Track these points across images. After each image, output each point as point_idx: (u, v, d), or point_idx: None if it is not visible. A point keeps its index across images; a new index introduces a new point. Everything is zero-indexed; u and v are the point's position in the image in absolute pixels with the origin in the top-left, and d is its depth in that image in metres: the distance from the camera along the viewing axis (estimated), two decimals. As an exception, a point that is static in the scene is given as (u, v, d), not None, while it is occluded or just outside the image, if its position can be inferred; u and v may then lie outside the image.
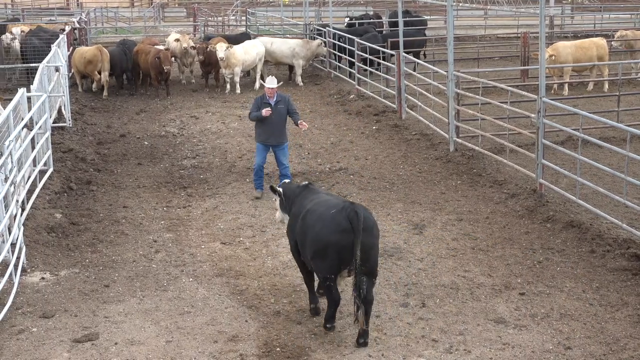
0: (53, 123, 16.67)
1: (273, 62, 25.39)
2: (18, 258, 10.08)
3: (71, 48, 24.36)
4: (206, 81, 24.35)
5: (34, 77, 15.79)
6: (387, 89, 20.26)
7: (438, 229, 11.79)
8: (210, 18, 41.35)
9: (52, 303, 9.42)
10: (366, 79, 21.85)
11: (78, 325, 8.84)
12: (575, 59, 21.14)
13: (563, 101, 17.92)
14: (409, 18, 29.11)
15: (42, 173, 13.59)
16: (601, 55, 21.60)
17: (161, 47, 23.54)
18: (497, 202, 12.90)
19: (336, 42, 24.84)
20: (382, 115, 19.47)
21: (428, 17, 35.26)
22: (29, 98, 13.78)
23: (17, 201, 10.55)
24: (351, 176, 14.67)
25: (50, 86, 16.55)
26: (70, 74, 22.64)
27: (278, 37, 27.53)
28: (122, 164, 15.92)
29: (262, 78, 22.94)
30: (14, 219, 10.22)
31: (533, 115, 12.91)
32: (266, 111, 13.13)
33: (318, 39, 25.40)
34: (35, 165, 13.22)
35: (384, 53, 21.57)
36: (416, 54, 24.63)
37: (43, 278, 10.13)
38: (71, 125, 18.21)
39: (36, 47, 23.00)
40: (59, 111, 18.05)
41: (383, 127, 18.39)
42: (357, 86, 22.21)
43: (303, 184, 9.39)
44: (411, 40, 24.15)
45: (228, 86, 23.41)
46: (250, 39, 25.65)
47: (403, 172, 14.87)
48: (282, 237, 11.10)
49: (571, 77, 21.77)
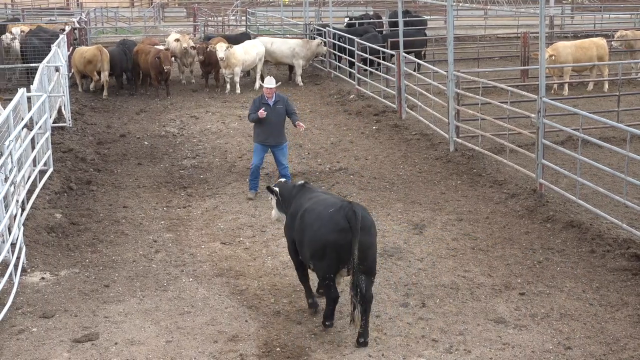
0: (53, 123, 16.67)
1: (273, 62, 25.39)
2: (18, 258, 10.07)
3: (71, 48, 24.36)
4: (206, 81, 24.34)
5: (34, 77, 15.79)
6: (387, 89, 20.26)
7: (438, 229, 11.79)
8: (210, 18, 41.35)
9: (52, 303, 9.42)
10: (366, 79, 21.85)
11: (78, 325, 8.84)
12: (575, 59, 21.14)
13: (563, 101, 17.92)
14: (409, 18, 29.11)
15: (42, 173, 13.59)
16: (601, 55, 21.60)
17: (161, 47, 23.54)
18: (497, 202, 12.90)
19: (336, 42, 24.84)
20: (382, 115, 19.47)
21: (428, 17, 35.28)
22: (29, 98, 13.78)
23: (17, 201, 10.55)
24: (351, 176, 14.67)
25: (50, 86, 16.55)
26: (70, 74, 22.64)
27: (278, 37, 27.54)
28: (122, 164, 15.91)
29: (262, 78, 22.87)
30: (14, 219, 10.22)
31: (533, 115, 12.91)
32: (261, 113, 13.14)
33: (318, 39, 25.40)
34: (35, 165, 13.22)
35: (384, 53, 21.57)
36: (418, 54, 24.62)
37: (43, 278, 10.13)
38: (71, 125, 18.21)
39: (36, 47, 22.99)
40: (59, 111, 18.05)
41: (383, 127, 18.39)
42: (357, 86, 22.20)
43: (299, 184, 9.41)
44: (413, 40, 24.17)
45: (228, 86, 23.41)
46: (250, 39, 25.65)
47: (403, 172, 14.86)
48: (282, 237, 11.06)
49: (571, 77, 21.76)
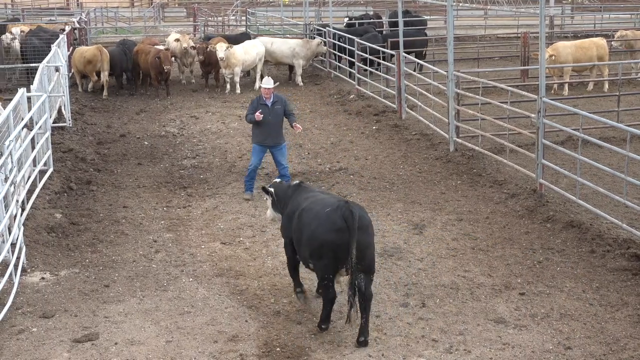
0: (53, 123, 16.66)
1: (273, 62, 25.39)
2: (18, 258, 10.07)
3: (71, 48, 24.36)
4: (206, 81, 24.34)
5: (34, 77, 15.79)
6: (387, 89, 20.25)
7: (438, 229, 11.79)
8: (210, 18, 41.35)
9: (52, 303, 9.41)
10: (366, 79, 21.85)
11: (78, 325, 8.84)
12: (575, 59, 21.14)
13: (563, 101, 17.92)
14: (409, 18, 29.11)
15: (42, 173, 13.59)
16: (601, 55, 21.60)
17: (161, 47, 23.54)
18: (497, 202, 12.90)
19: (336, 42, 24.84)
20: (382, 115, 19.47)
21: (428, 17, 35.28)
22: (29, 98, 13.78)
23: (17, 201, 10.54)
24: (351, 176, 14.67)
25: (50, 86, 16.55)
26: (70, 74, 22.64)
27: (278, 37, 27.54)
28: (122, 164, 15.91)
29: (262, 78, 22.89)
30: (14, 219, 10.22)
31: (533, 115, 12.91)
32: (257, 116, 13.13)
33: (317, 38, 25.39)
34: (35, 165, 13.22)
35: (384, 53, 21.57)
36: (419, 55, 24.62)
37: (43, 278, 10.13)
38: (71, 125, 18.21)
39: (36, 47, 22.99)
40: (59, 111, 18.05)
41: (383, 127, 18.39)
42: (357, 86, 22.20)
43: (295, 183, 9.43)
44: (414, 40, 24.16)
45: (228, 86, 23.40)
46: (250, 39, 25.64)
47: (403, 172, 14.86)
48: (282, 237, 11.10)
49: (571, 77, 21.76)
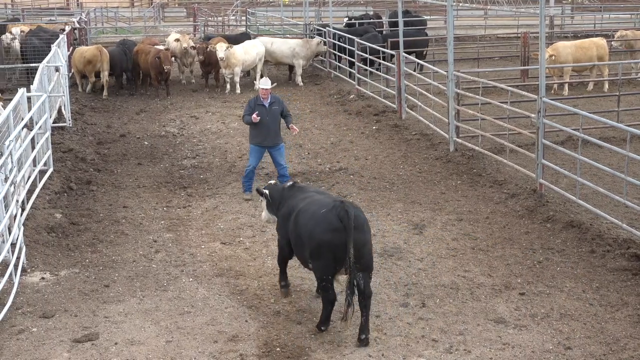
0: (53, 123, 16.67)
1: (273, 62, 25.38)
2: (18, 258, 10.07)
3: (71, 48, 24.36)
4: (206, 81, 24.34)
5: (34, 77, 15.79)
6: (387, 89, 20.25)
7: (438, 229, 11.79)
8: (210, 18, 41.35)
9: (52, 303, 9.41)
10: (366, 79, 21.85)
11: (78, 325, 8.84)
12: (575, 59, 21.13)
13: (563, 101, 17.92)
14: (409, 18, 29.10)
15: (42, 173, 13.59)
16: (601, 55, 21.60)
17: (161, 47, 23.54)
18: (497, 202, 12.90)
19: (336, 42, 24.84)
20: (382, 115, 19.47)
21: (428, 17, 35.28)
22: (29, 98, 13.77)
23: (17, 201, 10.54)
24: (351, 176, 14.67)
25: (50, 86, 16.54)
26: (70, 74, 22.64)
27: (278, 37, 27.53)
28: (122, 164, 15.91)
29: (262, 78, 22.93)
30: (14, 219, 10.22)
31: (533, 115, 12.90)
32: (254, 117, 13.13)
33: (317, 38, 25.39)
34: (35, 165, 13.22)
35: (384, 53, 21.57)
36: (419, 55, 24.61)
37: (43, 278, 10.13)
38: (71, 125, 18.21)
39: (36, 47, 22.99)
40: (59, 111, 18.05)
41: (383, 127, 18.39)
42: (357, 86, 22.20)
43: (289, 184, 9.42)
44: (414, 40, 24.15)
45: (228, 86, 23.40)
46: (250, 39, 25.64)
47: (403, 172, 14.86)
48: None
49: (571, 77, 21.76)
